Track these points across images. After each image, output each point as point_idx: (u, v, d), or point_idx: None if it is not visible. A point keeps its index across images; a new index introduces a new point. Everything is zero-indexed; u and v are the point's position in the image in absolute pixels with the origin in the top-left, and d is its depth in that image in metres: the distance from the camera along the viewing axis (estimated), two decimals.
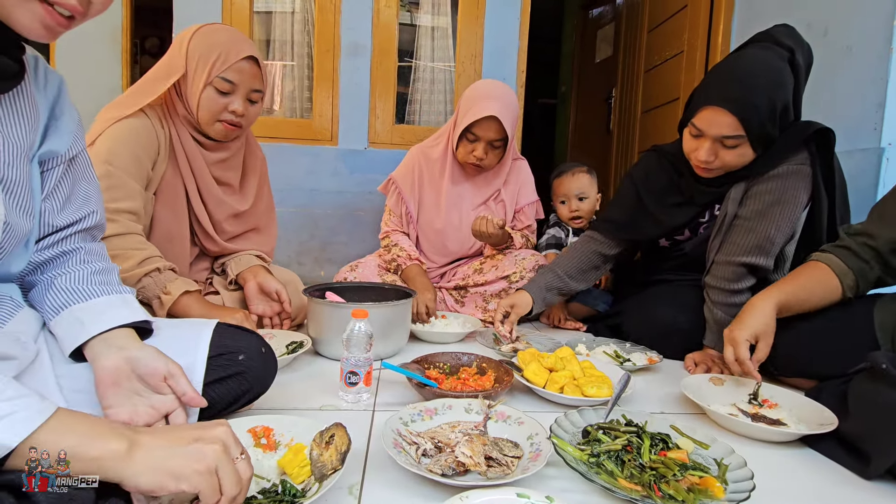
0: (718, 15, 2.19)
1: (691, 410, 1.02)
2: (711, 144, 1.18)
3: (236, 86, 1.13)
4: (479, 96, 1.57)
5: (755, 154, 1.20)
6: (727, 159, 1.20)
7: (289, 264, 2.28)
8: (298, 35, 2.38)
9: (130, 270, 1.03)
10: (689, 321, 1.34)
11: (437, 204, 1.72)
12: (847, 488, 0.76)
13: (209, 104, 1.12)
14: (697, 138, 1.21)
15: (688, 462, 0.72)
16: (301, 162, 2.28)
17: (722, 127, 1.15)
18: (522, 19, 2.33)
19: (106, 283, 0.69)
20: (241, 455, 0.54)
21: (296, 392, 1.03)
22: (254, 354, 0.79)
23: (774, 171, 1.21)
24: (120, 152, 1.05)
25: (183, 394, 0.65)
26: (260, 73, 1.16)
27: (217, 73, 1.10)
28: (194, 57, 1.10)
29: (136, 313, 0.68)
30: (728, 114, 1.13)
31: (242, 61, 1.12)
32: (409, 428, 0.81)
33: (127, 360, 0.64)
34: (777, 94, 1.13)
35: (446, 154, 1.72)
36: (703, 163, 1.21)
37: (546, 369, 1.06)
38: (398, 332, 1.27)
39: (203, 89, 1.11)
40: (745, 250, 1.23)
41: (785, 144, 1.20)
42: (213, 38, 1.11)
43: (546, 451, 0.73)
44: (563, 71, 4.37)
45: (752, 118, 1.12)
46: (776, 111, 1.14)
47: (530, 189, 1.80)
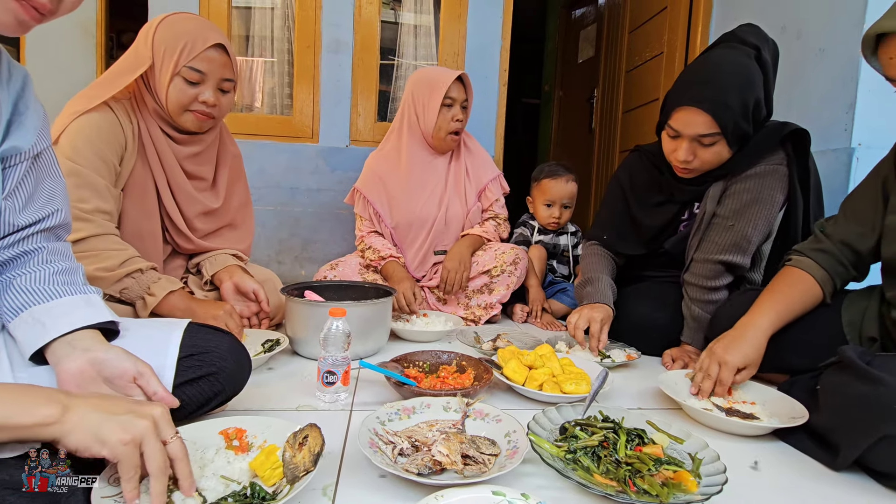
0: (697, 17, 2.22)
1: (668, 406, 1.03)
2: (689, 144, 1.20)
3: (205, 75, 1.10)
4: (436, 69, 1.71)
5: (731, 151, 1.22)
6: (705, 157, 1.22)
7: (268, 263, 2.24)
8: (278, 31, 2.34)
9: (112, 270, 1.01)
10: (667, 318, 1.36)
11: (404, 193, 1.73)
12: (816, 480, 0.77)
13: (178, 95, 1.09)
14: (675, 139, 1.23)
15: (663, 457, 0.73)
16: (281, 159, 2.25)
17: (697, 126, 1.17)
18: (505, 18, 2.33)
19: (69, 283, 0.66)
20: (174, 436, 0.56)
21: (272, 392, 1.01)
22: (226, 354, 0.77)
23: (752, 171, 1.24)
24: (84, 149, 1.02)
25: (154, 393, 0.64)
26: (230, 62, 1.13)
27: (184, 62, 1.07)
28: (160, 47, 1.07)
29: (101, 313, 0.65)
30: (702, 113, 1.15)
31: (210, 49, 1.09)
32: (385, 427, 0.80)
33: (92, 363, 0.61)
34: (747, 90, 1.15)
35: (400, 143, 1.76)
36: (683, 163, 1.23)
37: (526, 367, 1.06)
38: (378, 330, 1.25)
39: (171, 80, 1.08)
40: (722, 249, 1.25)
41: (761, 144, 1.23)
42: (180, 28, 1.08)
43: (523, 449, 0.73)
44: (547, 71, 4.40)
45: (725, 115, 1.14)
46: (748, 107, 1.16)
47: (490, 165, 1.84)
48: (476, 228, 1.75)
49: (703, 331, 1.27)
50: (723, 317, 1.21)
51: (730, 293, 1.28)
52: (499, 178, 1.84)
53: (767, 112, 1.23)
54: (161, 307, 1.05)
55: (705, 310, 1.27)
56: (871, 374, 0.73)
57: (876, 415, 0.72)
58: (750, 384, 1.03)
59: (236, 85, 1.17)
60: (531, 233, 1.97)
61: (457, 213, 1.76)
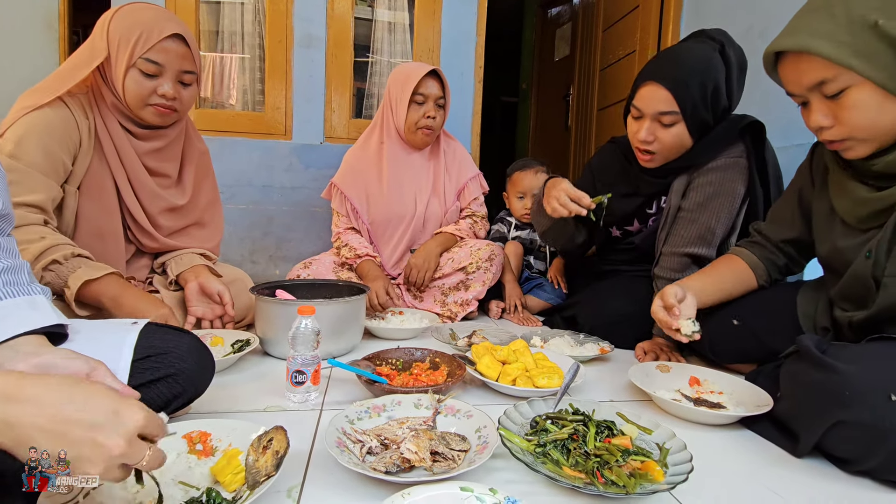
0: (668, 15, 2.26)
1: (639, 397, 1.05)
2: (650, 124, 1.23)
3: (163, 67, 1.06)
4: (412, 65, 1.69)
5: (691, 139, 1.24)
6: (666, 140, 1.23)
7: (242, 263, 2.19)
8: (249, 26, 2.29)
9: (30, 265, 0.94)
10: (639, 311, 1.36)
11: (381, 190, 1.72)
12: (779, 466, 0.79)
13: (136, 88, 1.05)
14: (638, 120, 1.26)
15: (631, 448, 0.73)
16: (253, 157, 2.20)
17: (658, 102, 1.20)
18: (479, 14, 2.33)
19: (12, 284, 0.62)
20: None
21: (240, 393, 0.98)
22: (186, 355, 0.75)
23: (713, 164, 1.27)
24: (28, 145, 0.97)
25: None
26: (190, 54, 1.09)
27: (140, 53, 1.03)
28: (115, 38, 1.02)
29: (46, 317, 0.62)
30: (662, 88, 1.19)
31: (167, 40, 1.05)
32: (354, 426, 0.78)
33: (38, 368, 0.58)
34: (707, 74, 1.19)
35: (381, 139, 1.75)
36: (643, 143, 1.25)
37: (499, 362, 1.06)
38: (351, 329, 1.24)
39: (126, 72, 1.03)
40: (688, 241, 1.28)
41: (721, 135, 1.26)
42: (135, 17, 1.04)
43: (493, 443, 0.72)
44: (524, 69, 4.42)
45: (683, 93, 1.18)
46: (707, 90, 1.19)
47: (470, 164, 1.85)
48: (450, 227, 1.75)
49: None
50: None
51: None
52: (478, 177, 1.85)
53: (729, 106, 1.25)
54: (86, 296, 0.97)
55: None
56: (825, 363, 0.75)
57: (830, 401, 0.74)
58: (718, 374, 1.05)
59: (199, 78, 1.14)
60: (508, 229, 1.97)
61: (435, 212, 1.76)
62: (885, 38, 0.74)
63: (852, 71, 0.77)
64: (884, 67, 0.75)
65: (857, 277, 0.89)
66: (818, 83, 0.81)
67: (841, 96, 0.80)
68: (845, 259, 0.92)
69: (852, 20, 0.76)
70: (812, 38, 0.78)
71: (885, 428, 0.69)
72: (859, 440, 0.72)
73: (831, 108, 0.82)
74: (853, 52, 0.76)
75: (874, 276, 0.86)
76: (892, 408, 0.69)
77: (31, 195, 0.97)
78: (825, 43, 0.77)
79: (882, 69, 0.75)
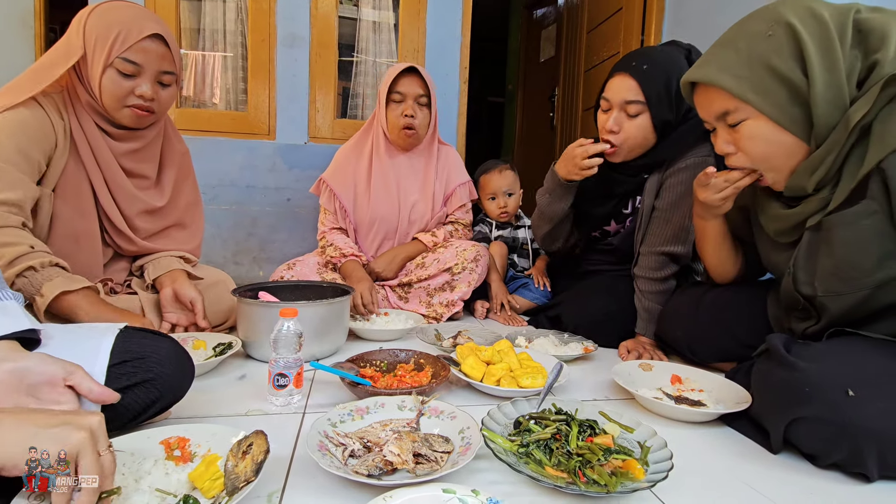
0: (650, 17, 2.29)
1: (622, 396, 1.06)
2: (617, 114, 1.27)
3: (141, 67, 1.04)
4: (394, 66, 1.68)
5: (655, 134, 1.28)
6: (630, 130, 1.27)
7: (225, 264, 2.16)
8: (231, 24, 2.26)
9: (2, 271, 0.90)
10: (621, 310, 1.39)
11: (368, 190, 1.72)
12: (756, 463, 0.80)
13: (113, 88, 1.02)
14: (606, 112, 1.30)
15: (613, 446, 0.74)
16: (236, 157, 2.17)
17: (624, 91, 1.25)
18: (464, 15, 2.33)
19: None
20: (108, 448, 0.52)
21: (222, 397, 0.97)
22: (164, 360, 0.73)
23: (683, 164, 1.30)
24: (2, 144, 0.94)
25: (89, 391, 0.60)
26: (169, 54, 1.07)
27: (117, 53, 1.00)
28: (92, 37, 1.00)
29: (17, 322, 0.60)
30: (629, 77, 1.24)
31: (146, 40, 1.03)
32: (336, 429, 0.78)
33: (12, 373, 0.57)
34: (671, 69, 1.23)
35: (372, 140, 1.75)
36: (609, 133, 1.29)
37: (484, 362, 1.06)
38: (335, 330, 1.23)
39: (103, 72, 1.01)
40: (664, 240, 1.31)
41: (686, 134, 1.29)
42: (114, 16, 1.01)
43: (476, 444, 0.72)
44: (510, 69, 4.44)
45: (649, 84, 1.23)
46: (671, 85, 1.24)
47: (460, 171, 1.85)
48: (425, 236, 1.75)
49: (654, 322, 1.31)
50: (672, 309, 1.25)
51: (678, 285, 1.33)
52: (468, 184, 1.84)
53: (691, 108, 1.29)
54: (59, 307, 0.94)
55: (656, 301, 1.31)
56: (787, 361, 0.78)
57: (791, 398, 0.76)
58: (699, 372, 1.07)
59: (179, 78, 1.12)
60: (490, 229, 1.98)
61: (421, 214, 1.75)
62: (777, 76, 0.80)
63: (749, 105, 0.83)
64: (775, 104, 0.82)
65: (786, 291, 0.95)
66: (722, 113, 0.88)
67: (739, 126, 0.87)
68: (779, 271, 0.98)
69: (752, 57, 0.82)
70: (718, 72, 0.86)
71: (844, 423, 0.71)
72: (822, 435, 0.75)
73: (733, 136, 0.89)
74: (751, 86, 0.83)
75: (799, 291, 0.91)
76: (850, 403, 0.71)
77: (10, 192, 0.93)
78: (728, 77, 0.84)
79: (774, 105, 0.82)
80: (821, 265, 0.85)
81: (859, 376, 0.74)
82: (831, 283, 0.84)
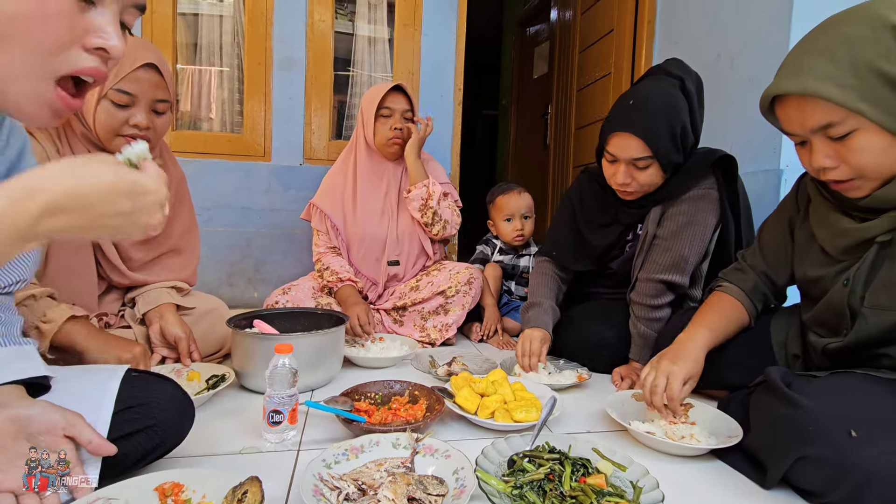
0: (641, 39, 2.33)
1: (615, 428, 1.06)
2: (626, 168, 1.27)
3: (135, 97, 1.04)
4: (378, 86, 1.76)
5: (665, 175, 1.29)
6: (642, 180, 1.28)
7: (219, 286, 2.16)
8: (227, 41, 2.28)
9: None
10: (617, 335, 1.40)
11: (355, 209, 1.75)
12: (747, 498, 0.81)
13: (107, 119, 1.03)
14: (613, 164, 1.30)
15: (605, 488, 0.75)
16: (232, 179, 2.18)
17: (631, 150, 1.24)
18: (458, 37, 2.36)
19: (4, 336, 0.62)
20: None
21: (215, 433, 0.97)
22: (167, 406, 0.74)
23: (686, 196, 1.31)
24: None
25: (88, 442, 0.60)
26: (163, 82, 1.08)
27: (111, 84, 1.01)
28: None
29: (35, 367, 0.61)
30: (634, 137, 1.23)
31: (140, 70, 1.03)
32: (331, 471, 0.78)
33: (13, 420, 0.57)
34: (674, 116, 1.24)
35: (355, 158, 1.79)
36: (621, 185, 1.30)
37: (478, 394, 1.07)
38: (330, 360, 1.23)
39: (97, 103, 1.02)
40: (662, 268, 1.31)
41: (693, 169, 1.31)
42: None
43: (470, 487, 0.73)
44: (504, 84, 4.48)
45: (655, 139, 1.23)
46: (676, 132, 1.24)
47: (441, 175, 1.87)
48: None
49: (650, 348, 1.32)
50: (668, 335, 1.25)
51: (673, 312, 1.34)
52: (449, 185, 1.86)
53: (695, 139, 1.31)
54: (59, 337, 0.95)
55: (651, 327, 1.32)
56: (789, 397, 0.78)
57: (794, 437, 0.76)
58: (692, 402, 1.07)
59: (173, 105, 1.13)
60: (491, 251, 1.99)
61: (407, 225, 1.76)
62: (891, 82, 0.75)
63: (860, 115, 0.76)
64: (890, 112, 0.76)
65: (832, 304, 0.91)
66: (824, 126, 0.80)
67: (847, 139, 0.79)
68: (822, 286, 0.94)
69: (857, 64, 0.76)
70: (818, 82, 0.78)
71: (846, 464, 0.71)
72: (823, 474, 0.74)
73: (836, 149, 0.81)
74: (860, 96, 0.76)
75: (850, 305, 0.88)
76: (852, 444, 0.72)
77: None
78: (832, 87, 0.77)
79: (888, 113, 0.76)
80: (878, 277, 0.84)
81: (861, 415, 0.73)
82: (879, 297, 0.83)
